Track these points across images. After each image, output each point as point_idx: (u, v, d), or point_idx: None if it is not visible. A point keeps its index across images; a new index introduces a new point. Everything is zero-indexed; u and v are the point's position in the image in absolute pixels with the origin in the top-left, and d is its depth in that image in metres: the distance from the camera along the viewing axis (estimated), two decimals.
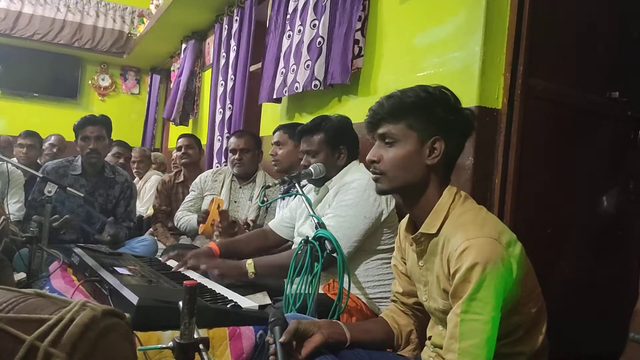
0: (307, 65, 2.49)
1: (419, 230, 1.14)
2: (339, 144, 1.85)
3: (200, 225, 2.49)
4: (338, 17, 2.39)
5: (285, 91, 2.70)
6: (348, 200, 1.70)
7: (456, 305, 1.00)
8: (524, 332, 1.11)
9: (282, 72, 2.77)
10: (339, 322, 1.25)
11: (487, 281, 0.97)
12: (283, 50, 2.79)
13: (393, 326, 1.30)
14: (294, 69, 2.62)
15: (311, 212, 1.53)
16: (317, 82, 2.42)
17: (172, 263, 1.92)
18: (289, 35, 2.76)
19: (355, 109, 2.28)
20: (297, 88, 2.55)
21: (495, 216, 1.19)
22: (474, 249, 0.99)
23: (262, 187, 2.62)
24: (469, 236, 1.01)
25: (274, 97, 2.86)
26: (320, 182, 1.86)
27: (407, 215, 1.25)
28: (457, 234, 1.04)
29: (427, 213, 1.13)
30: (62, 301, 0.61)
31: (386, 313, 1.35)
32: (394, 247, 1.38)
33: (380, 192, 1.22)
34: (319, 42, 2.43)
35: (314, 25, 2.50)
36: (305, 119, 2.62)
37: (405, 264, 1.29)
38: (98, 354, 0.56)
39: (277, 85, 2.81)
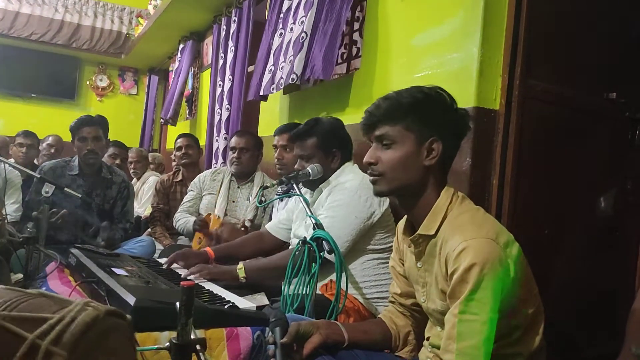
0: (290, 61, 2.46)
1: (417, 232, 1.14)
2: (332, 147, 1.84)
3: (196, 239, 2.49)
4: (325, 13, 2.36)
5: (273, 89, 2.67)
6: (340, 201, 1.71)
7: (454, 306, 1.00)
8: (522, 333, 1.11)
9: (271, 69, 2.75)
10: (336, 322, 1.25)
11: (485, 282, 0.97)
12: (274, 49, 2.77)
13: (391, 327, 1.30)
14: (282, 66, 2.60)
15: (309, 213, 1.54)
16: (294, 76, 2.38)
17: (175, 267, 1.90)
18: (281, 34, 2.74)
19: (353, 110, 2.29)
20: (281, 85, 2.54)
21: (493, 217, 1.19)
22: (472, 249, 0.99)
23: (260, 188, 2.62)
24: (467, 237, 1.01)
25: (261, 94, 2.82)
26: (315, 184, 1.85)
27: (405, 217, 1.25)
28: (454, 234, 1.04)
29: (425, 214, 1.13)
30: (64, 301, 0.60)
31: (384, 314, 1.35)
32: (390, 247, 1.38)
33: (378, 194, 1.21)
34: (302, 37, 2.41)
35: (302, 22, 2.48)
36: (303, 119, 2.62)
37: (403, 265, 1.29)
38: (99, 354, 0.56)
39: (264, 82, 2.78)
